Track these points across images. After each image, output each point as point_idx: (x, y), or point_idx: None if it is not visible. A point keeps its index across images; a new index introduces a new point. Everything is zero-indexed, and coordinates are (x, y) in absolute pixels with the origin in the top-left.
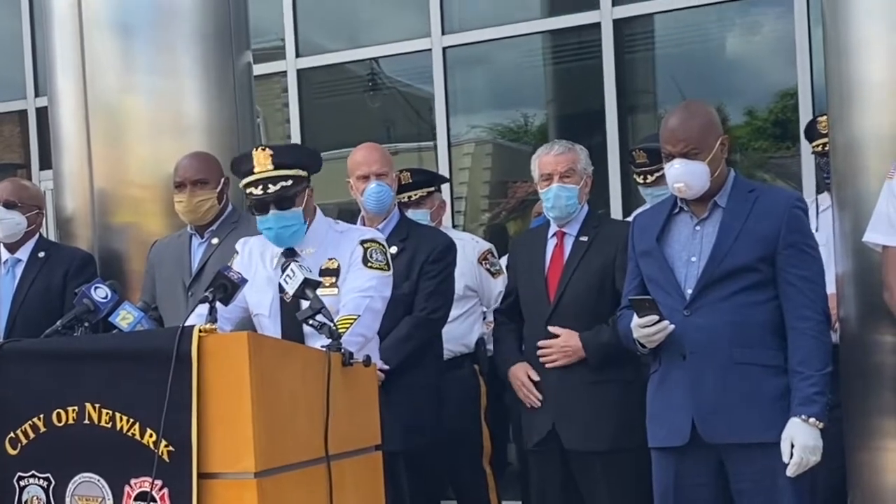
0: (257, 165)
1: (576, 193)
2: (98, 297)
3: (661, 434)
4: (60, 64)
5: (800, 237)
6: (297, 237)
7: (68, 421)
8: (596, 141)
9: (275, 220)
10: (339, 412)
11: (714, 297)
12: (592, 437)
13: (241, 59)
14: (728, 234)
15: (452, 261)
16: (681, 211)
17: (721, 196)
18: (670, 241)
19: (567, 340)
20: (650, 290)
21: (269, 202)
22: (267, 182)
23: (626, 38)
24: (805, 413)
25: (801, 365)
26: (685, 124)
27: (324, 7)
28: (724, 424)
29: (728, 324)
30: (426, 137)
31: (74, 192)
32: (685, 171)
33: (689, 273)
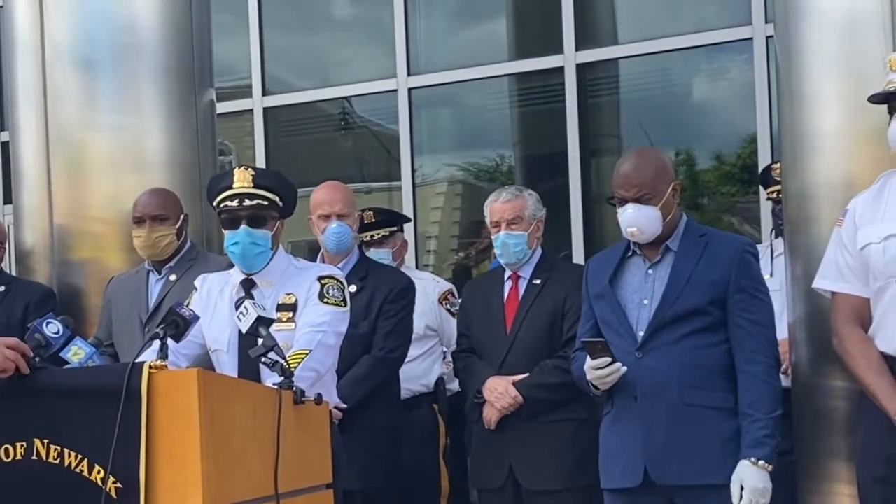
0: (237, 181)
1: (524, 240)
2: (50, 333)
3: (613, 475)
4: (22, 97)
5: (750, 282)
6: (260, 259)
7: (16, 457)
8: (560, 182)
9: (244, 234)
10: (289, 450)
11: (665, 339)
12: (547, 475)
13: (204, 96)
14: (679, 278)
15: (411, 301)
16: (633, 254)
17: (673, 240)
18: (623, 283)
19: (498, 385)
20: (603, 332)
21: (242, 216)
22: (244, 196)
23: (590, 82)
24: (755, 455)
25: (751, 408)
26: (638, 170)
27: (291, 46)
28: (674, 466)
29: (678, 366)
30: (396, 177)
31: (34, 227)
32: (638, 216)
33: (641, 316)
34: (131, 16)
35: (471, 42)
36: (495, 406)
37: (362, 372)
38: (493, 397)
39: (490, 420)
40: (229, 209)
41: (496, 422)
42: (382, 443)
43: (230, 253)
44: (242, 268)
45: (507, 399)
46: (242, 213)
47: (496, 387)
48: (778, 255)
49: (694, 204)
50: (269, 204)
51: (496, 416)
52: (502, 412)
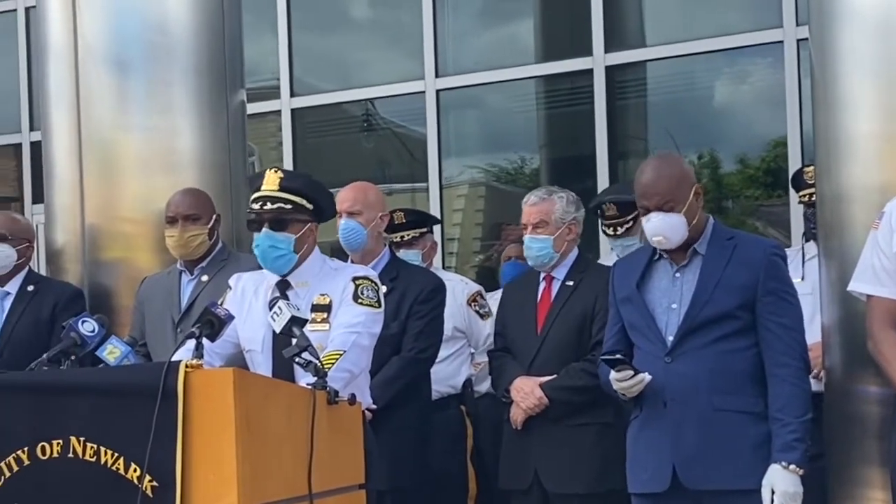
0: (265, 183)
1: (549, 243)
2: (85, 331)
3: (641, 479)
4: (55, 98)
5: (779, 284)
6: (281, 262)
7: (53, 454)
8: (587, 185)
9: (264, 238)
10: (323, 450)
11: (695, 344)
12: (572, 479)
13: (234, 97)
14: (708, 282)
15: (441, 301)
16: (660, 258)
17: (700, 243)
18: (651, 287)
19: (524, 386)
20: (632, 336)
21: (263, 219)
22: (267, 200)
23: (618, 84)
24: (785, 460)
25: (781, 412)
26: (658, 179)
27: (319, 48)
28: (704, 471)
29: (708, 371)
30: (420, 178)
31: (65, 227)
32: (663, 224)
33: (669, 320)
34: (163, 16)
35: (498, 44)
36: (521, 406)
37: (392, 372)
38: (520, 397)
39: (516, 420)
40: (253, 212)
41: (522, 422)
42: (411, 443)
43: (255, 253)
44: (266, 269)
45: (533, 400)
46: (265, 216)
47: (523, 387)
48: (810, 259)
49: (718, 207)
50: (293, 207)
51: (522, 416)
52: (528, 412)
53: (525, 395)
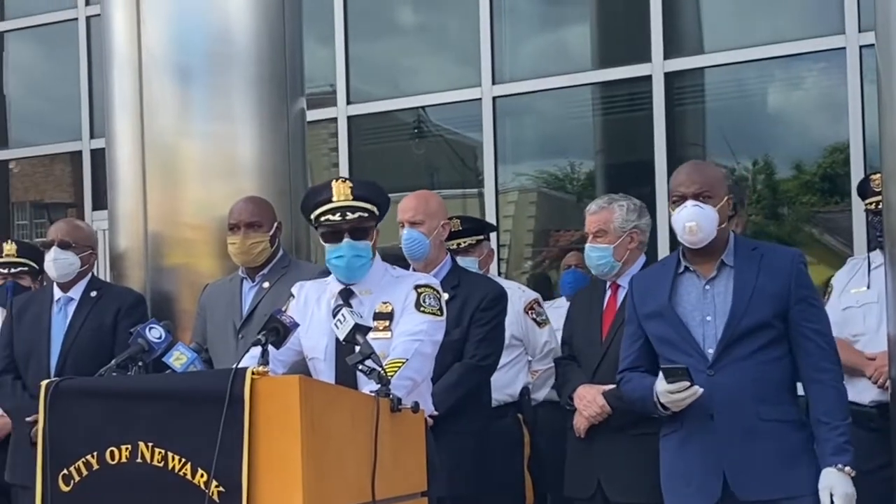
0: (336, 194)
1: (608, 252)
2: (152, 338)
3: (683, 494)
4: (119, 106)
5: (808, 292)
6: (363, 270)
7: (121, 459)
8: (644, 192)
9: (348, 248)
10: (386, 457)
11: (737, 355)
12: (635, 489)
13: (294, 105)
14: (744, 293)
15: (503, 309)
16: (686, 271)
17: (727, 255)
18: (679, 301)
19: (587, 394)
20: (662, 351)
21: (345, 230)
22: (345, 210)
23: (677, 90)
24: (840, 462)
25: (827, 415)
26: (700, 169)
27: (376, 56)
28: (755, 481)
29: (752, 381)
30: (471, 185)
31: (128, 233)
32: (697, 212)
33: (706, 332)
34: (225, 25)
35: (555, 51)
36: (583, 414)
37: (453, 379)
38: (582, 405)
39: (579, 428)
40: (331, 223)
41: (585, 430)
42: (471, 450)
43: (333, 266)
44: (345, 280)
45: (595, 408)
46: (345, 227)
47: (585, 395)
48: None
49: (774, 213)
50: (369, 215)
51: (584, 424)
52: (589, 421)
53: (587, 403)
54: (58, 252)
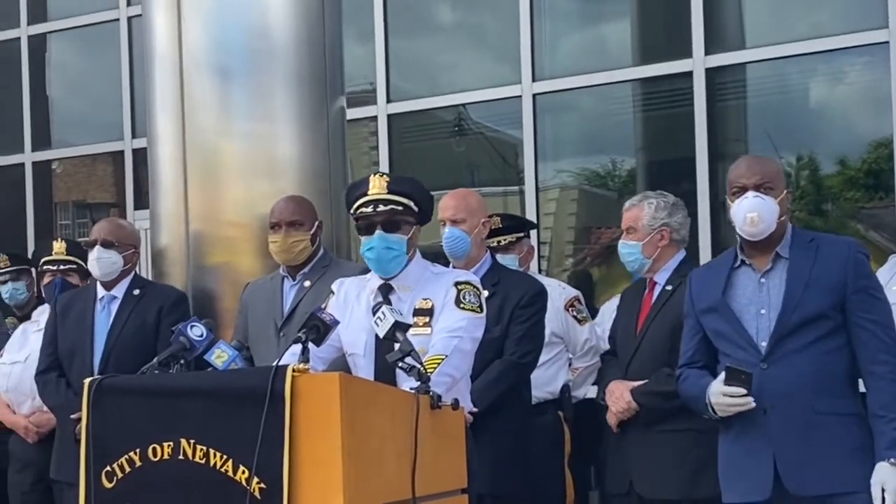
0: (372, 188)
1: (637, 249)
2: (194, 336)
3: (739, 488)
4: (160, 105)
5: (867, 282)
6: (395, 264)
7: (164, 456)
8: (685, 189)
9: (379, 240)
10: (426, 454)
11: (791, 347)
12: (665, 485)
13: (335, 104)
14: (797, 284)
15: (543, 306)
16: (741, 265)
17: (782, 247)
18: (734, 295)
19: (616, 389)
20: (719, 345)
21: (377, 222)
22: (378, 202)
23: (718, 86)
24: (893, 456)
25: (884, 409)
26: (761, 161)
27: (415, 53)
28: (809, 476)
29: (807, 374)
30: (511, 182)
31: (170, 232)
32: (759, 203)
33: (760, 325)
34: (265, 24)
35: (595, 47)
36: (611, 410)
37: (493, 376)
38: (611, 401)
39: (611, 423)
40: (365, 215)
41: (616, 425)
42: (511, 448)
43: (366, 258)
44: (378, 272)
45: (622, 403)
46: (377, 219)
47: (614, 390)
48: None
49: (818, 209)
50: (403, 209)
51: (614, 419)
52: (617, 416)
53: (616, 398)
54: (101, 251)
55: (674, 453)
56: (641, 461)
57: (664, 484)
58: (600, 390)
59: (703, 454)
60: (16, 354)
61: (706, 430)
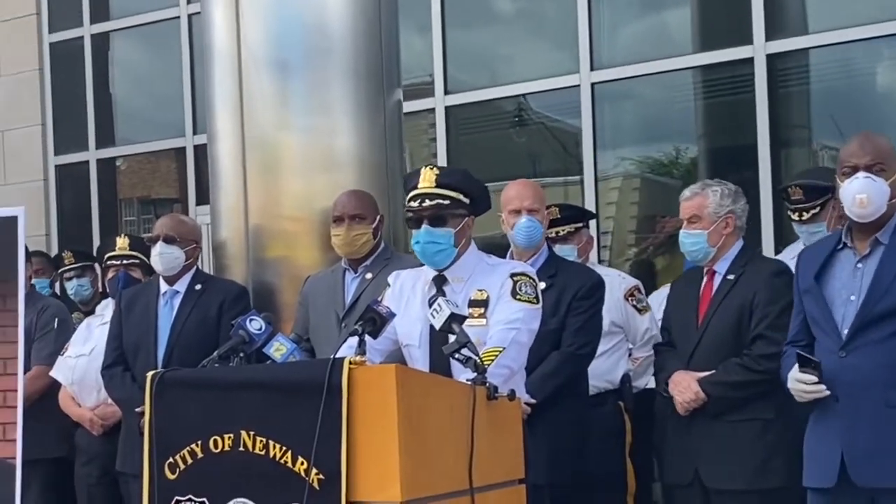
0: (422, 181)
1: (702, 238)
2: (253, 329)
3: (812, 473)
4: (220, 101)
5: None
6: (441, 257)
7: (224, 448)
8: (747, 176)
9: (424, 234)
10: (483, 445)
11: (871, 338)
12: (732, 475)
13: (391, 97)
14: (886, 273)
15: (601, 298)
16: (844, 247)
17: (883, 233)
18: (830, 278)
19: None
20: (812, 329)
21: (423, 216)
22: (425, 197)
23: (780, 72)
24: None
25: None
26: (873, 140)
27: (472, 44)
28: (876, 469)
29: (883, 366)
30: (572, 172)
31: (230, 227)
32: (869, 184)
33: (847, 312)
34: (323, 18)
35: (654, 35)
36: (677, 400)
37: (551, 368)
38: (677, 392)
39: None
40: (412, 209)
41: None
42: (570, 439)
43: (415, 251)
44: (427, 265)
45: (689, 394)
46: (424, 213)
47: (680, 381)
48: None
49: None
50: (451, 203)
51: (681, 410)
52: (684, 407)
53: (682, 389)
54: (163, 246)
55: (742, 443)
56: (708, 451)
57: (732, 474)
58: (661, 381)
59: (771, 443)
60: (80, 348)
61: (774, 418)
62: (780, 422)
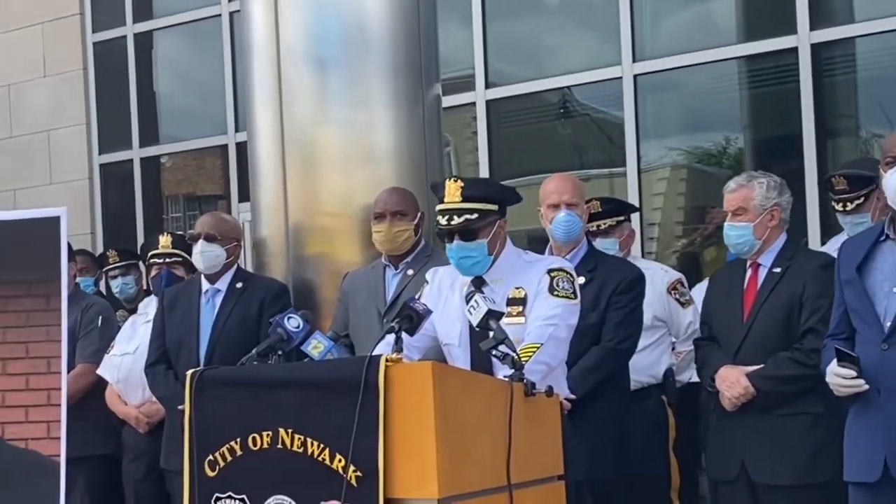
0: (448, 195)
1: (747, 230)
2: (291, 327)
3: (853, 468)
4: (259, 98)
5: None
6: (477, 268)
7: (263, 445)
8: (793, 166)
9: (457, 249)
10: (521, 441)
11: None
12: (780, 470)
13: (430, 92)
14: None
15: (641, 292)
16: (887, 239)
17: None
18: (872, 270)
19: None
20: (853, 320)
21: (453, 232)
22: (453, 213)
23: (825, 61)
24: None
25: None
26: None
27: (513, 37)
28: None
29: None
30: (618, 163)
31: (270, 224)
32: None
33: (889, 305)
34: (361, 14)
35: (697, 25)
36: (726, 395)
37: (591, 363)
38: (724, 387)
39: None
40: (440, 226)
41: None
42: (611, 434)
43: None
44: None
45: (738, 389)
46: (453, 229)
47: (728, 376)
48: None
49: None
50: (478, 215)
51: (728, 405)
52: (733, 402)
53: (730, 384)
54: (204, 245)
55: (791, 437)
56: (755, 446)
57: (781, 469)
58: (706, 376)
59: (820, 438)
60: (125, 346)
61: (823, 413)
62: (829, 416)
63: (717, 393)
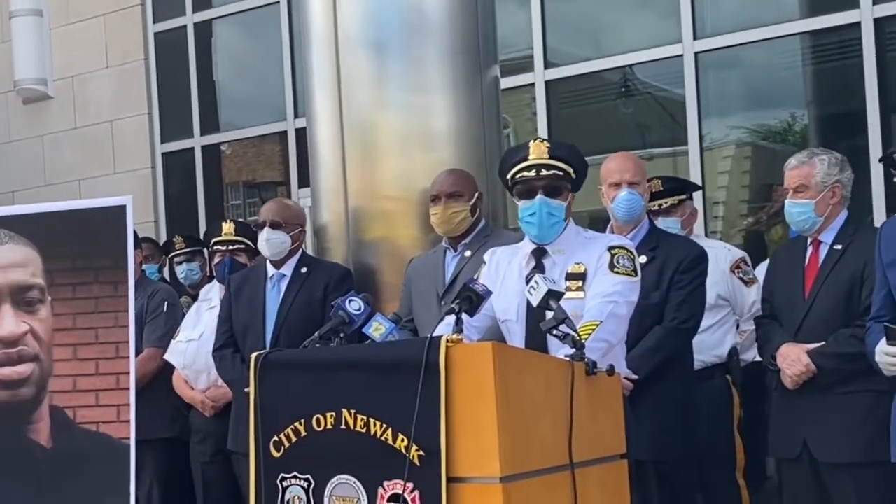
0: (533, 153)
1: (809, 208)
2: (352, 310)
3: None
4: (318, 84)
5: None
6: (555, 229)
7: (327, 426)
8: (857, 143)
9: (541, 204)
10: (582, 420)
11: None
12: (843, 448)
13: (488, 74)
14: None
15: (704, 271)
16: None
17: None
18: None
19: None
20: None
21: (539, 186)
22: (541, 167)
23: (888, 36)
24: None
25: None
26: None
27: (571, 17)
28: None
29: None
30: (681, 142)
31: (330, 208)
32: None
33: None
34: None
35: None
36: (787, 373)
37: (653, 342)
38: (786, 364)
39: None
40: (526, 179)
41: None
42: (675, 414)
43: (525, 224)
44: (536, 238)
45: (800, 367)
46: (539, 183)
47: (789, 354)
48: None
49: None
50: (563, 175)
51: (790, 383)
52: (794, 380)
53: (791, 362)
54: (270, 232)
55: (854, 415)
56: (818, 425)
57: (844, 447)
58: (767, 354)
59: (882, 416)
60: (191, 332)
61: (886, 391)
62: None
63: (778, 371)
